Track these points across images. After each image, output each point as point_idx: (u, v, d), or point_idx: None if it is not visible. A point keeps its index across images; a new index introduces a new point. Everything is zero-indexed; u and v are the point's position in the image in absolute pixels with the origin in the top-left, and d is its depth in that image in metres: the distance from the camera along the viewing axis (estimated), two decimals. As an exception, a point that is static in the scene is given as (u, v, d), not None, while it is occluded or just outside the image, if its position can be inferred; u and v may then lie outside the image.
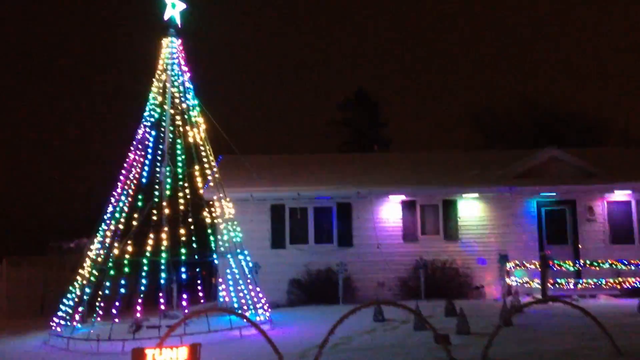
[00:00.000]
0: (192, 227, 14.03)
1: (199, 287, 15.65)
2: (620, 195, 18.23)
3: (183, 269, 12.51)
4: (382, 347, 9.55)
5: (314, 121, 73.23)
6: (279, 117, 69.96)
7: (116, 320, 11.80)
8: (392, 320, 12.54)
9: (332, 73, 73.93)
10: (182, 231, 12.96)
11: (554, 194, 18.23)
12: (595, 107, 63.41)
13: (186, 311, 12.11)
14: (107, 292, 12.43)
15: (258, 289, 13.94)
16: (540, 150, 19.48)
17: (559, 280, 16.44)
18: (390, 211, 18.32)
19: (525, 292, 16.96)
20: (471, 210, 18.33)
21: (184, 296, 12.43)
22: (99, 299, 12.44)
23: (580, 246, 18.10)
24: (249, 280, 13.87)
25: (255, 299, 13.67)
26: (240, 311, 11.37)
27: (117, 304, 12.11)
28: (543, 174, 18.38)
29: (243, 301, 13.91)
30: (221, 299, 14.58)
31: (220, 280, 14.48)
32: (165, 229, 12.70)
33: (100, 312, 12.36)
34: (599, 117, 42.83)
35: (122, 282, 12.37)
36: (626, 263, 16.86)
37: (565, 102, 59.53)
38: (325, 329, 8.91)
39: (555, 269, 16.34)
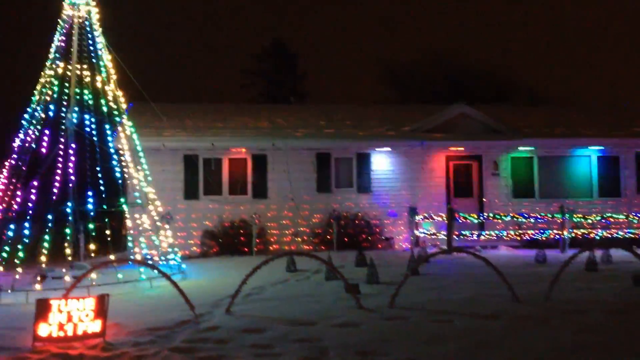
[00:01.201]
0: (100, 176, 13.55)
1: (108, 238, 15.24)
2: (524, 151, 19.09)
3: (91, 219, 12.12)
4: (294, 297, 9.70)
5: (230, 71, 71.82)
6: (193, 66, 68.09)
7: (19, 270, 11.33)
8: (305, 270, 12.75)
9: (249, 22, 72.38)
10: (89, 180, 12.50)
11: (462, 149, 18.85)
12: (505, 66, 65.42)
13: (94, 262, 11.80)
14: (9, 241, 11.88)
15: (170, 240, 13.75)
16: (450, 106, 20.00)
17: (464, 232, 17.17)
18: (305, 163, 18.39)
19: (433, 243, 17.65)
20: (384, 163, 18.70)
21: (92, 247, 12.09)
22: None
23: (484, 199, 18.91)
24: (160, 231, 13.64)
25: (167, 250, 13.49)
26: (151, 262, 11.18)
27: (20, 254, 11.61)
28: (453, 129, 18.94)
29: (154, 252, 13.69)
30: (131, 250, 14.29)
31: (130, 231, 14.15)
32: (72, 177, 12.21)
33: (2, 262, 11.84)
34: (508, 75, 44.45)
35: (26, 231, 11.84)
36: (526, 216, 17.82)
37: (477, 60, 61.22)
38: (238, 279, 8.96)
39: (460, 221, 17.04)
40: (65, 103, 12.90)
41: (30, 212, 11.91)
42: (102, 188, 13.63)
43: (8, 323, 8.08)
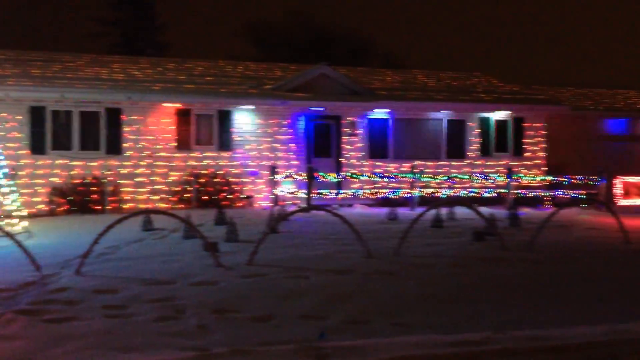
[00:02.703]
0: None
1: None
2: (380, 113, 19.80)
3: None
4: (151, 256, 9.48)
5: (82, 19, 67.30)
6: (41, 11, 62.98)
7: None
8: (162, 229, 12.47)
9: (103, -34, 67.84)
10: None
11: (323, 109, 19.18)
12: (364, 29, 67.06)
13: None
14: None
15: (14, 196, 12.83)
16: (312, 66, 20.20)
17: (322, 191, 17.61)
18: (164, 119, 17.80)
19: (292, 202, 17.95)
20: (246, 121, 18.57)
21: None
22: None
23: (342, 159, 19.46)
24: (2, 188, 12.67)
25: (10, 208, 12.59)
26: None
27: None
28: (314, 89, 19.17)
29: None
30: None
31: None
32: None
33: None
34: (367, 39, 45.59)
35: None
36: (380, 176, 18.61)
37: (338, 22, 62.09)
38: (90, 239, 8.60)
39: (319, 180, 17.43)
40: None
41: None
42: None
43: None
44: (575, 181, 18.99)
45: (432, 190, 18.72)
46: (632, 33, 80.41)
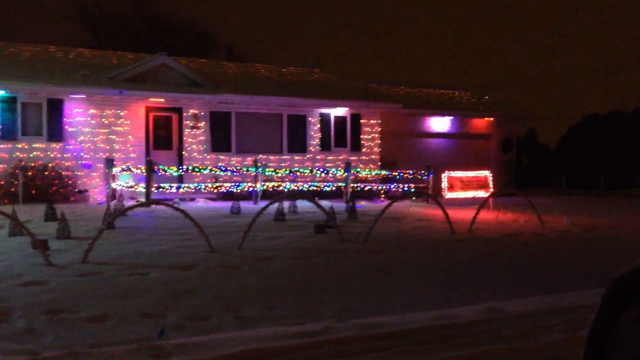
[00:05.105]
0: None
1: None
2: (223, 106, 19.65)
3: None
4: (-30, 256, 8.65)
5: None
6: None
7: None
8: (-17, 226, 11.43)
9: None
10: None
11: (163, 100, 18.63)
12: (204, 20, 65.91)
13: None
14: None
15: None
16: (152, 56, 19.55)
17: (163, 185, 17.11)
18: (-16, 107, 16.30)
19: (131, 196, 17.25)
20: (79, 111, 17.52)
21: None
22: None
23: (184, 152, 19.06)
24: None
25: None
26: None
27: None
28: (153, 80, 18.56)
29: None
30: None
31: None
32: None
33: None
34: (208, 30, 44.96)
35: None
36: (223, 169, 18.49)
37: (178, 12, 60.56)
38: None
39: (160, 173, 16.93)
40: None
41: None
42: None
43: None
44: (406, 175, 20.19)
45: (275, 184, 18.93)
46: (454, 37, 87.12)
